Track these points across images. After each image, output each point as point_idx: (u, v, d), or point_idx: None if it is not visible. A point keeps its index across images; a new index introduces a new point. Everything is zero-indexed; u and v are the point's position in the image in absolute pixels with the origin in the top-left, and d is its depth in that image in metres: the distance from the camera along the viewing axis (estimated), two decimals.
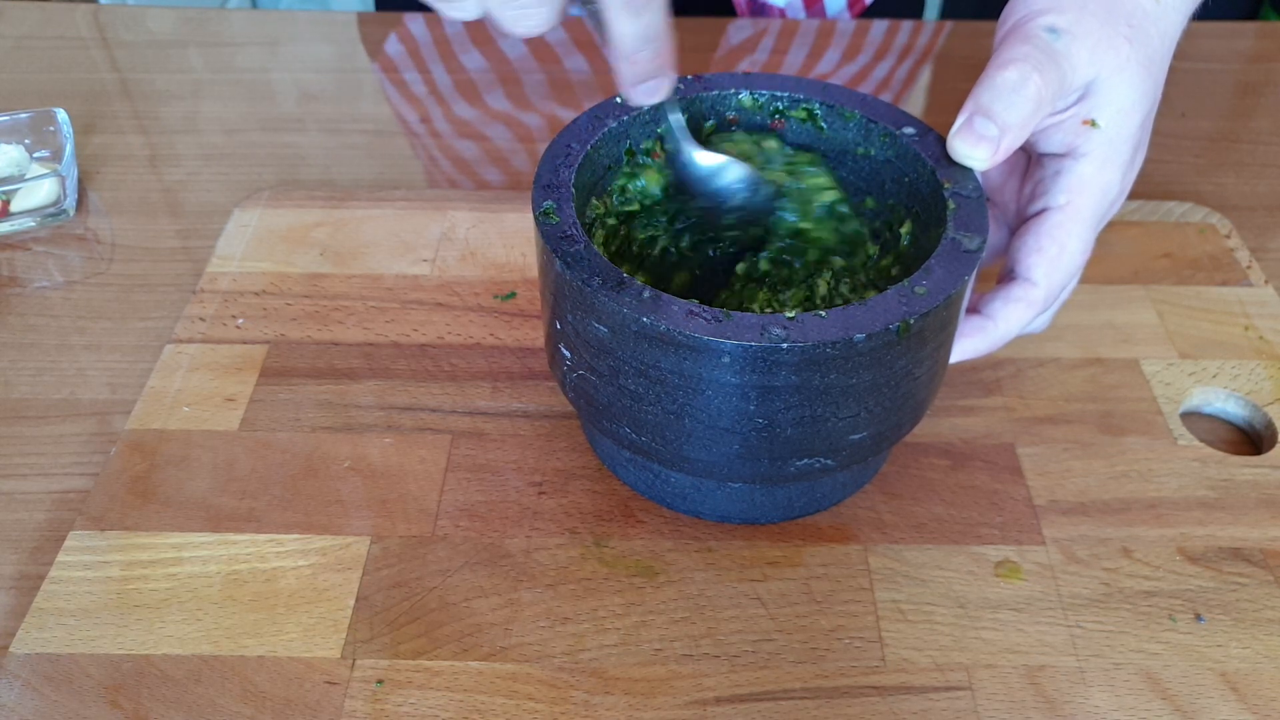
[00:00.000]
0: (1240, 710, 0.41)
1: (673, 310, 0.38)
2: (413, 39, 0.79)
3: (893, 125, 0.46)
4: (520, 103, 0.72)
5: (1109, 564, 0.46)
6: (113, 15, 0.85)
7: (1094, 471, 0.49)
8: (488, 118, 0.72)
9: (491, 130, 0.72)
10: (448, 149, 0.71)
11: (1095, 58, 0.43)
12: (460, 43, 0.78)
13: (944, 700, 0.41)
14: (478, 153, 0.69)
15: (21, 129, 0.66)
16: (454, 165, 0.69)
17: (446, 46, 0.78)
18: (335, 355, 0.54)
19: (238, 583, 0.44)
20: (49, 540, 0.47)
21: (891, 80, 0.77)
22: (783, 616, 0.44)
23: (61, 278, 0.60)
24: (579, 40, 0.79)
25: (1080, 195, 0.44)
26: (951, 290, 0.39)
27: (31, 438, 0.51)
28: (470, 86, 0.75)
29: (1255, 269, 0.60)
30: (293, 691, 0.41)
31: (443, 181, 0.68)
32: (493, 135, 0.72)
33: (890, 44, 0.80)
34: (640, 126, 0.47)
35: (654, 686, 0.41)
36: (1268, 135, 0.73)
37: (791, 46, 0.79)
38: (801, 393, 0.39)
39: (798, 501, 0.47)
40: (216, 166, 0.69)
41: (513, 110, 0.72)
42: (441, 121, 0.72)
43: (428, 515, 0.47)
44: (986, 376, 0.53)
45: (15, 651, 0.42)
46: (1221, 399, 0.53)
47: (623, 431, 0.42)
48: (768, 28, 0.81)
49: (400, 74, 0.77)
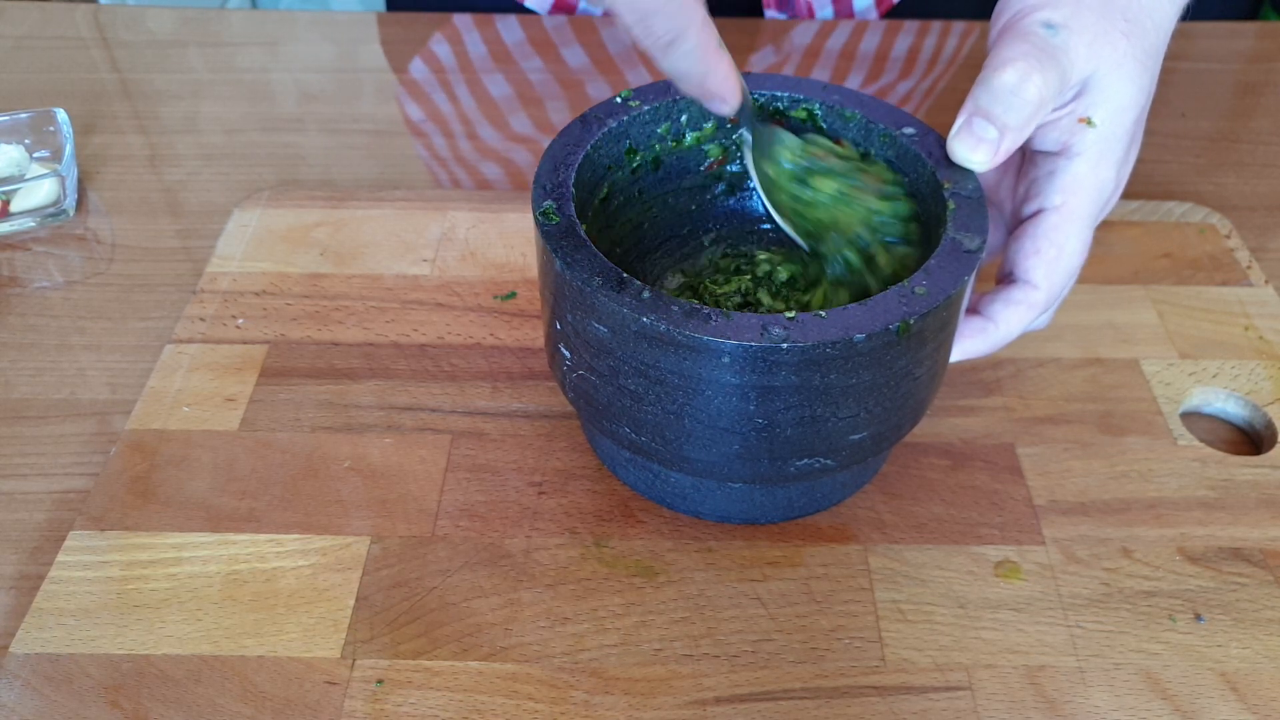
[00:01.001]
0: (1240, 710, 0.41)
1: (673, 310, 0.38)
2: (449, 49, 0.79)
3: (893, 125, 0.46)
4: (543, 125, 0.73)
5: (1109, 564, 0.46)
6: (113, 15, 0.85)
7: (1094, 471, 0.49)
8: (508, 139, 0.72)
9: (511, 137, 0.72)
10: (461, 148, 0.71)
11: (1093, 53, 0.42)
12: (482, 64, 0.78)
13: (944, 700, 0.41)
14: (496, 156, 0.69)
15: (21, 129, 0.66)
16: (465, 170, 0.69)
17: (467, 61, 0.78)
18: (335, 355, 0.54)
19: (238, 583, 0.44)
20: (49, 540, 0.47)
21: (918, 86, 0.77)
22: (783, 616, 0.44)
23: (61, 278, 0.60)
24: (597, 60, 0.79)
25: (1075, 195, 0.44)
26: (951, 290, 0.39)
27: (31, 438, 0.51)
28: (490, 103, 0.75)
29: (1255, 269, 0.60)
30: (293, 691, 0.41)
31: (458, 176, 0.68)
32: (504, 133, 0.72)
33: (920, 45, 0.80)
34: (640, 127, 0.47)
35: (654, 686, 0.41)
36: (1268, 135, 0.73)
37: (823, 48, 0.79)
38: (801, 393, 0.39)
39: (798, 501, 0.47)
40: (216, 166, 0.69)
41: (534, 133, 0.72)
42: (461, 126, 0.73)
43: (428, 515, 0.47)
44: (986, 376, 0.53)
45: (15, 651, 0.42)
46: (1221, 399, 0.53)
47: (623, 431, 0.42)
48: (791, 26, 0.81)
49: (443, 75, 0.77)
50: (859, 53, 0.79)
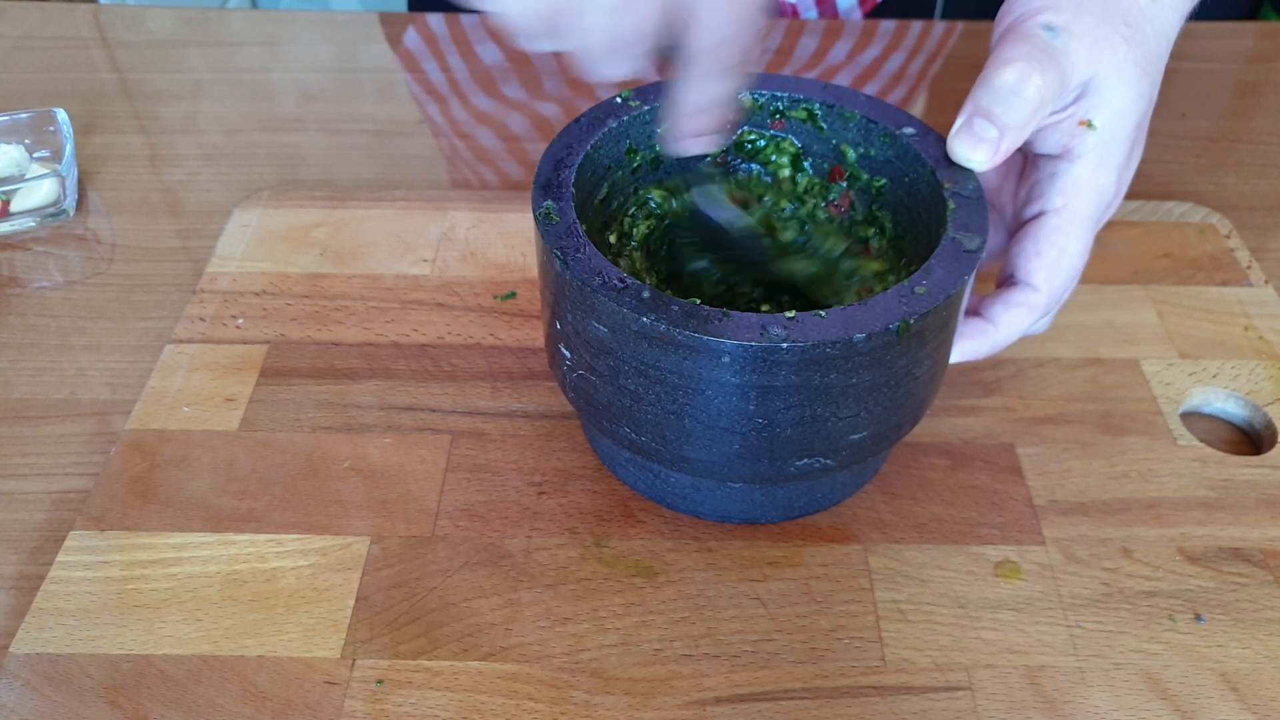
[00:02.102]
0: (1240, 710, 0.41)
1: (672, 310, 0.38)
2: (431, 33, 0.79)
3: (893, 125, 0.46)
4: (537, 94, 0.72)
5: (1109, 564, 0.46)
6: (113, 15, 0.85)
7: (1094, 471, 0.49)
8: (504, 108, 0.72)
9: (510, 121, 0.72)
10: (469, 146, 0.71)
11: (1093, 56, 0.43)
12: (477, 36, 0.78)
13: (944, 700, 0.41)
14: (496, 145, 0.69)
15: (21, 129, 0.66)
16: (473, 156, 0.69)
17: (465, 43, 0.78)
18: (335, 355, 0.54)
19: (237, 583, 0.44)
20: (49, 540, 0.47)
21: (900, 80, 0.77)
22: (783, 616, 0.44)
23: (61, 278, 0.60)
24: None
25: (1076, 198, 0.44)
26: (951, 290, 0.39)
27: (31, 438, 0.51)
28: (487, 79, 0.75)
29: (1255, 269, 0.60)
30: (293, 691, 0.41)
31: (464, 173, 0.68)
32: (512, 125, 0.72)
33: (899, 44, 0.80)
34: (640, 127, 0.47)
35: (654, 686, 0.41)
36: (1268, 135, 0.73)
37: (797, 46, 0.79)
38: (801, 393, 0.39)
39: (798, 501, 0.47)
40: (216, 166, 0.69)
41: (529, 100, 0.72)
42: (460, 113, 0.73)
43: (428, 515, 0.47)
44: (986, 376, 0.53)
45: (15, 651, 0.42)
46: (1221, 399, 0.53)
47: (623, 431, 0.42)
48: (774, 26, 0.81)
49: (420, 67, 0.77)
50: (845, 53, 0.79)
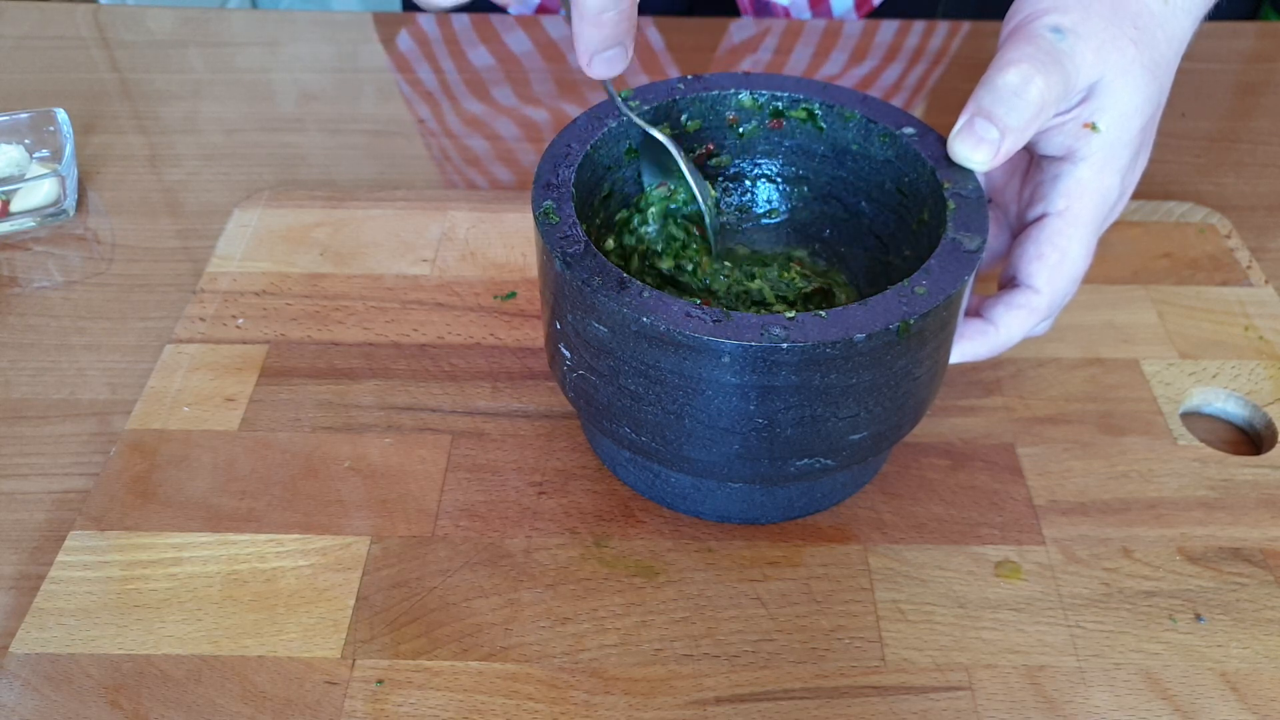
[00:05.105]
0: (1240, 710, 0.41)
1: (672, 310, 0.38)
2: (424, 35, 0.80)
3: (893, 125, 0.46)
4: (528, 100, 0.73)
5: (1109, 564, 0.46)
6: (113, 15, 0.85)
7: (1094, 471, 0.49)
8: (496, 113, 0.72)
9: (500, 127, 0.72)
10: (459, 147, 0.71)
11: (1100, 59, 0.42)
12: (468, 39, 0.78)
13: (944, 700, 0.41)
14: (487, 149, 0.69)
15: (21, 129, 0.66)
16: (463, 160, 0.69)
17: (456, 45, 0.78)
18: (335, 355, 0.54)
19: (238, 583, 0.44)
20: (49, 540, 0.47)
21: (902, 84, 0.77)
22: (783, 616, 0.44)
23: (61, 278, 0.60)
24: None
25: (1079, 200, 0.44)
26: (951, 290, 0.39)
27: (31, 438, 0.51)
28: (479, 83, 0.75)
29: (1255, 269, 0.60)
30: (293, 691, 0.41)
31: (454, 176, 0.68)
32: (502, 131, 0.72)
33: (900, 45, 0.80)
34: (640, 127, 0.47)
35: (654, 686, 0.41)
36: (1268, 135, 0.73)
37: (795, 46, 0.79)
38: (801, 393, 0.39)
39: (798, 501, 0.47)
40: (216, 166, 0.69)
41: (520, 106, 0.72)
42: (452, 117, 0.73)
43: (428, 515, 0.47)
44: (986, 376, 0.53)
45: (15, 651, 0.42)
46: (1221, 399, 0.53)
47: (623, 431, 0.42)
48: (770, 27, 0.81)
49: (413, 71, 0.77)
50: (844, 53, 0.79)
